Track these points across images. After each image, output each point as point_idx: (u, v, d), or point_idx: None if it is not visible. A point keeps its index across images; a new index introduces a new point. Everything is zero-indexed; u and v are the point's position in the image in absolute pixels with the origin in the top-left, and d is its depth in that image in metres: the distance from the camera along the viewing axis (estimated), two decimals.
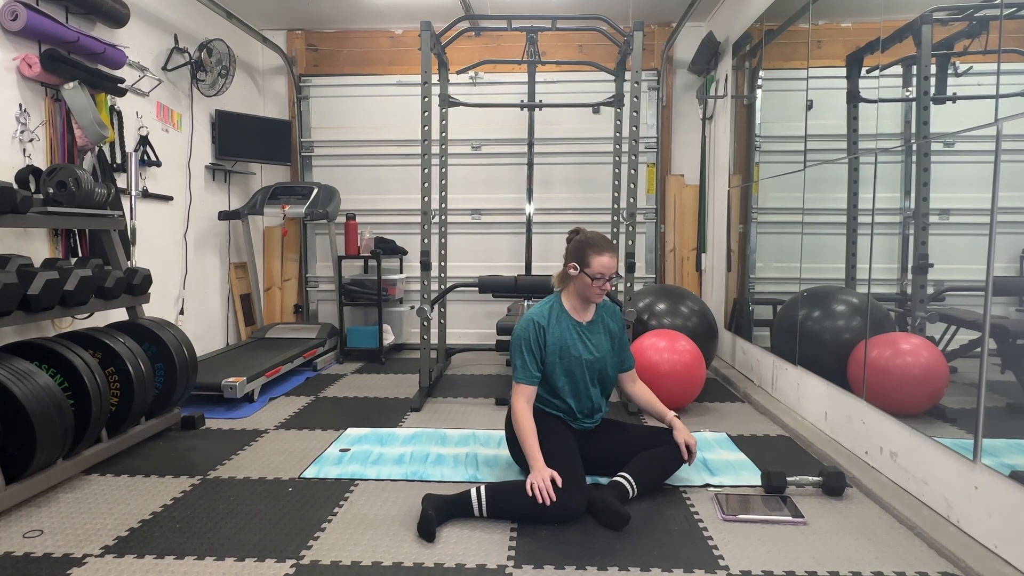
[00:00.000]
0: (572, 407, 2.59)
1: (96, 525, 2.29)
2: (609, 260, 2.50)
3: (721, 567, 2.02)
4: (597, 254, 2.49)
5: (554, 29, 4.31)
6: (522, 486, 2.30)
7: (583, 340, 2.59)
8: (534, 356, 2.53)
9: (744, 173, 4.51)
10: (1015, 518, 1.93)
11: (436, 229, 5.02)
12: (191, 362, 3.28)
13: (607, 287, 2.53)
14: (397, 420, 3.60)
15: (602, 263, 2.49)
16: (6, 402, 2.28)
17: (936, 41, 2.42)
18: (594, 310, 2.67)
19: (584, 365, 2.57)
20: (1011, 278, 2.00)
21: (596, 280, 2.50)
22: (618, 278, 2.51)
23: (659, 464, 2.55)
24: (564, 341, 2.56)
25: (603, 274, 2.50)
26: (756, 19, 4.19)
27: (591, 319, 2.65)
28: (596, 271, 2.49)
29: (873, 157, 2.80)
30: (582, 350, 2.57)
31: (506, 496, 2.32)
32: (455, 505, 2.32)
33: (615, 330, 2.69)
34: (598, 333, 2.63)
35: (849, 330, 3.08)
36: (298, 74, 5.68)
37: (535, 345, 2.54)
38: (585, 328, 2.62)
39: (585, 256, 2.51)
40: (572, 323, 2.60)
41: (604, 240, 2.54)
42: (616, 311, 2.74)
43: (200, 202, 4.84)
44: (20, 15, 3.06)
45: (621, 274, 2.57)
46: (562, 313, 2.61)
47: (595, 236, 2.56)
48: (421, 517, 2.25)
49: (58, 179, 2.93)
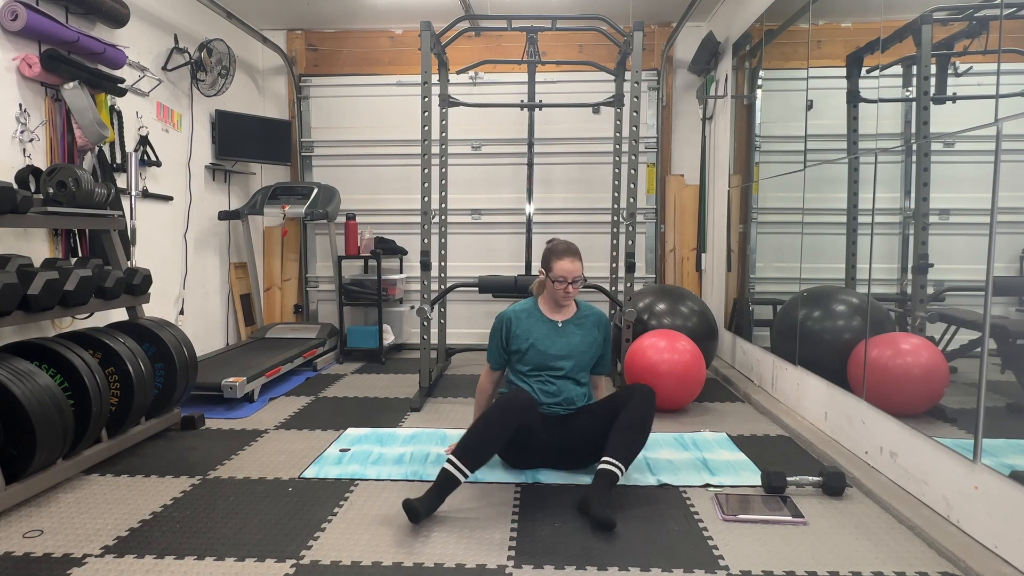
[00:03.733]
0: (538, 391, 2.78)
1: (96, 525, 2.29)
2: (569, 265, 2.71)
3: (721, 567, 2.02)
4: (557, 259, 2.73)
5: (554, 29, 4.31)
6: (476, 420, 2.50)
7: (551, 337, 2.80)
8: (499, 344, 2.86)
9: (744, 173, 4.51)
10: (1015, 518, 1.93)
11: (436, 229, 5.02)
12: (191, 362, 3.28)
13: (570, 290, 2.74)
14: (397, 420, 3.60)
15: (561, 267, 2.72)
16: (6, 402, 2.28)
17: (936, 41, 2.42)
18: (574, 313, 2.87)
19: (550, 359, 2.77)
20: (1011, 278, 2.00)
21: (558, 283, 2.73)
22: (583, 281, 2.76)
23: (633, 429, 2.54)
24: (532, 335, 2.80)
25: (564, 278, 2.72)
26: (756, 19, 4.19)
27: (568, 319, 2.85)
28: (557, 275, 2.72)
29: (873, 157, 2.80)
30: (548, 345, 2.78)
31: (469, 436, 2.43)
32: (438, 488, 2.35)
33: (597, 337, 2.86)
34: (573, 334, 2.82)
35: (849, 330, 3.08)
36: (298, 74, 5.68)
37: (500, 336, 2.86)
38: (559, 327, 2.83)
39: (549, 262, 2.76)
40: (544, 321, 2.84)
41: (567, 247, 2.76)
42: (605, 322, 2.91)
43: (200, 202, 4.84)
44: (20, 15, 3.06)
45: (586, 277, 2.81)
46: (534, 311, 2.86)
47: (559, 244, 2.80)
48: (408, 513, 2.30)
49: (58, 179, 2.93)
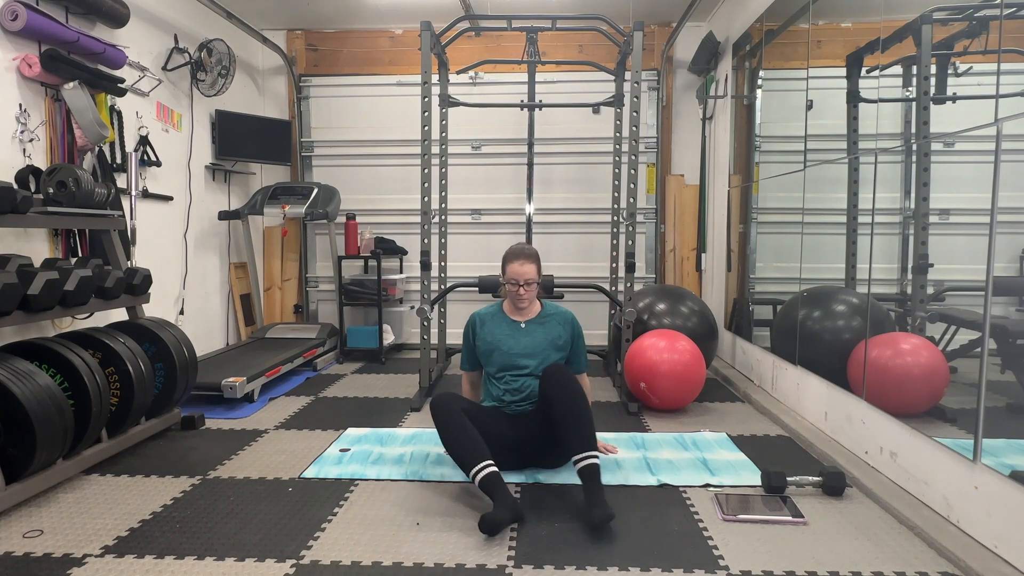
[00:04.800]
0: (503, 391, 2.81)
1: (96, 525, 2.29)
2: (519, 267, 2.79)
3: (721, 567, 2.02)
4: (508, 263, 2.83)
5: (554, 29, 4.31)
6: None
7: (514, 337, 2.86)
8: (469, 347, 2.96)
9: (744, 173, 4.51)
10: (1015, 518, 1.93)
11: (436, 229, 5.02)
12: (191, 362, 3.28)
13: (522, 292, 2.81)
14: (397, 420, 3.60)
15: (512, 270, 2.81)
16: (6, 402, 2.28)
17: (936, 41, 2.42)
18: (537, 313, 2.92)
19: (511, 358, 2.82)
20: (1011, 278, 2.00)
21: (511, 285, 2.82)
22: (536, 283, 2.82)
23: (570, 415, 2.47)
24: (495, 336, 2.87)
25: (515, 280, 2.80)
26: (756, 19, 4.19)
27: (531, 319, 2.90)
28: (508, 277, 2.82)
29: (873, 157, 2.80)
30: (511, 345, 2.84)
31: (457, 449, 2.49)
32: (494, 488, 2.33)
33: (562, 334, 2.89)
34: (535, 334, 2.87)
35: (849, 330, 3.08)
36: (298, 74, 5.68)
37: (469, 338, 2.95)
38: (521, 327, 2.88)
39: (503, 265, 2.87)
40: (508, 322, 2.91)
41: (520, 251, 2.84)
42: (570, 320, 2.94)
43: (200, 202, 4.84)
44: (20, 15, 3.06)
45: (538, 279, 2.84)
46: (499, 313, 2.94)
47: (515, 247, 2.89)
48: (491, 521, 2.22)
49: (58, 179, 2.93)
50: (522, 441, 2.71)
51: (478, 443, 2.45)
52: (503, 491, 2.31)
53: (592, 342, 5.12)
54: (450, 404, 2.56)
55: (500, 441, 2.63)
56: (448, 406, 2.55)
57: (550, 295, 4.11)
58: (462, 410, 2.55)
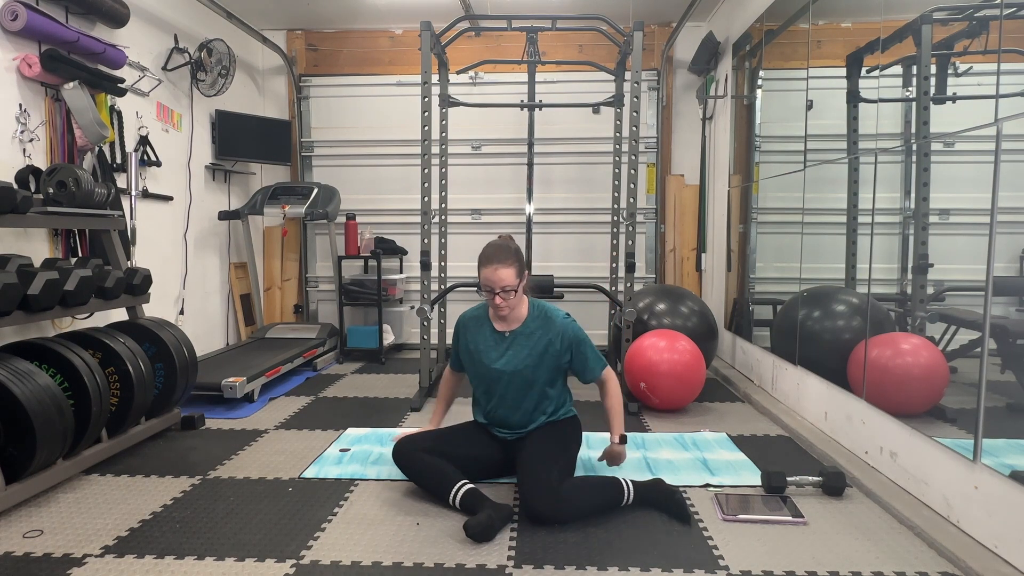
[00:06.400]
0: (486, 410, 2.63)
1: (96, 525, 2.29)
2: (491, 273, 2.39)
3: (721, 567, 2.02)
4: (481, 267, 2.44)
5: (554, 29, 4.31)
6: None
7: (497, 348, 2.54)
8: (456, 347, 2.70)
9: (744, 173, 4.51)
10: (1015, 518, 1.93)
11: (436, 229, 5.01)
12: (191, 362, 3.28)
13: (498, 301, 2.42)
14: (397, 420, 3.60)
15: (484, 276, 2.42)
16: (6, 402, 2.28)
17: (936, 41, 2.42)
18: (523, 321, 2.55)
19: (493, 373, 2.53)
20: (1011, 278, 2.00)
21: (485, 292, 2.45)
22: (515, 291, 2.42)
23: (552, 453, 2.44)
24: (477, 346, 2.59)
25: (489, 287, 2.41)
26: (756, 19, 4.19)
27: (516, 329, 2.54)
28: (483, 283, 2.44)
29: (873, 157, 2.80)
30: (493, 358, 2.53)
31: (430, 482, 2.47)
32: (476, 504, 2.32)
33: (553, 347, 2.51)
34: (521, 345, 2.51)
35: (849, 330, 3.08)
36: (298, 74, 5.67)
37: (456, 339, 2.70)
38: (505, 337, 2.55)
39: (477, 269, 2.47)
40: (491, 330, 2.58)
41: (495, 251, 2.44)
42: (562, 327, 2.53)
43: (200, 202, 4.84)
44: (20, 15, 3.05)
45: (515, 286, 2.43)
46: (484, 318, 2.62)
47: (485, 249, 2.48)
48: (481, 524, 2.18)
49: (58, 179, 2.93)
50: (507, 456, 2.61)
51: (445, 471, 2.42)
52: (484, 501, 2.31)
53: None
54: (407, 448, 2.53)
55: (483, 455, 2.60)
56: (405, 450, 2.53)
57: (550, 295, 4.10)
58: (422, 450, 2.50)
